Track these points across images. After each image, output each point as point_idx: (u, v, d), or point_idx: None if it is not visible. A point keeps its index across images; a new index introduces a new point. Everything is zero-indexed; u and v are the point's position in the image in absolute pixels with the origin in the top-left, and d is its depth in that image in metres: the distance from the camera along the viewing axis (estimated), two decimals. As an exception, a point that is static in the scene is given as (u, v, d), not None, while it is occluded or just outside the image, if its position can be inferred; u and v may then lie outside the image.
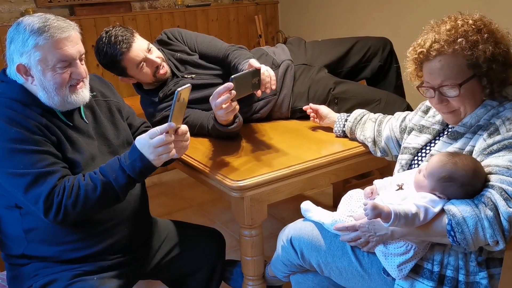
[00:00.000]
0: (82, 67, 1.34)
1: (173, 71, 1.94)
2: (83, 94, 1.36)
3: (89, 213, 1.31)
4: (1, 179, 1.27)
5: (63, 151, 1.32)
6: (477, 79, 1.22)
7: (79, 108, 1.42)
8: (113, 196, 1.30)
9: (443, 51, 1.21)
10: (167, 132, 1.26)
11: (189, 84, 1.31)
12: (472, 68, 1.21)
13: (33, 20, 1.27)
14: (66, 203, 1.24)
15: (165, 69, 1.89)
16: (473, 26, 1.22)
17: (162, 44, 1.99)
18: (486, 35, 1.21)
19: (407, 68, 1.35)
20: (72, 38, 1.30)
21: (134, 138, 1.59)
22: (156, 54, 1.86)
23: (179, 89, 1.25)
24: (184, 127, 1.36)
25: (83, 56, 1.35)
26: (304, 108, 1.90)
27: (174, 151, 1.29)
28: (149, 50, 1.83)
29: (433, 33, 1.25)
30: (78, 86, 1.34)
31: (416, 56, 1.27)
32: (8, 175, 1.25)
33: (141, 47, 1.81)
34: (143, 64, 1.82)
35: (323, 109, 1.85)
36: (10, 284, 1.43)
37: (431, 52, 1.23)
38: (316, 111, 1.86)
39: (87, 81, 1.39)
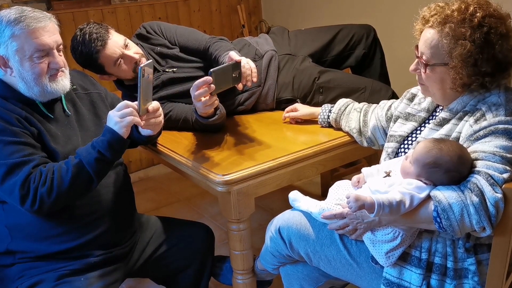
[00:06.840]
0: (60, 57, 1.35)
1: (153, 66, 1.89)
2: (63, 82, 1.37)
3: (64, 198, 1.29)
4: None
5: (43, 142, 1.33)
6: (447, 68, 1.20)
7: (61, 100, 1.42)
8: (86, 177, 1.29)
9: (435, 26, 1.20)
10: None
11: (151, 60, 1.31)
12: (448, 56, 1.19)
13: (10, 11, 1.29)
14: (42, 190, 1.24)
15: None
16: (475, 20, 1.16)
17: (141, 38, 1.94)
18: (479, 35, 1.15)
19: (415, 25, 1.31)
20: (48, 28, 1.31)
21: None
22: (134, 50, 1.81)
23: (141, 65, 1.26)
24: (155, 104, 1.38)
25: (61, 47, 1.36)
26: (284, 121, 1.85)
27: (138, 118, 1.31)
28: (126, 46, 1.78)
29: (444, 5, 1.22)
30: (58, 75, 1.35)
31: (422, 16, 1.26)
32: None
33: (117, 44, 1.75)
34: (120, 61, 1.77)
35: (299, 107, 1.82)
36: (-5, 287, 1.40)
37: (429, 20, 1.22)
38: (293, 110, 1.82)
39: (67, 70, 1.40)
